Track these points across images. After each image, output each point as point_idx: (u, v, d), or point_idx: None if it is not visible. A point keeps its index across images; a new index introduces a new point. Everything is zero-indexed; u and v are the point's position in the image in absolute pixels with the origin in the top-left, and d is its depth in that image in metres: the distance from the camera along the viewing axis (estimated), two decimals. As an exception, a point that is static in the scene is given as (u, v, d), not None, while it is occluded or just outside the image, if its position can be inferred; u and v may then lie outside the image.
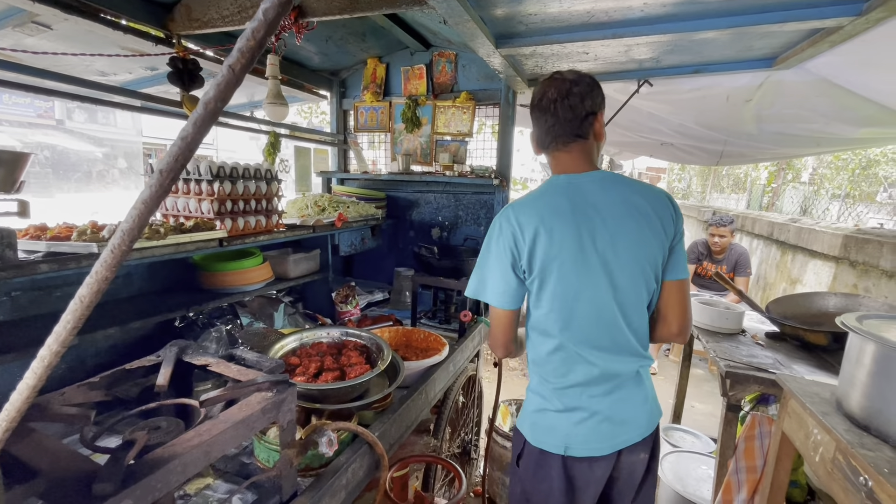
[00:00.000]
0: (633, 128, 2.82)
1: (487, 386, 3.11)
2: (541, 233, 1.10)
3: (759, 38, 1.61)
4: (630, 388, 1.20)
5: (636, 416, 1.20)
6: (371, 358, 1.50)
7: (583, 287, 1.12)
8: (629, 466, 1.22)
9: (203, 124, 0.26)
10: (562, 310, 1.14)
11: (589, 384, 1.18)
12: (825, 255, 2.84)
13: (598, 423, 1.17)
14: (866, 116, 2.04)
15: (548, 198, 1.14)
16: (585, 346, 1.15)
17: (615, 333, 1.15)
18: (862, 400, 1.25)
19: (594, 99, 1.12)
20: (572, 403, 1.18)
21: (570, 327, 1.15)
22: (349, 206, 2.36)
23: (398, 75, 2.74)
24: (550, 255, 1.11)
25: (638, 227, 1.11)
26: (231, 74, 0.25)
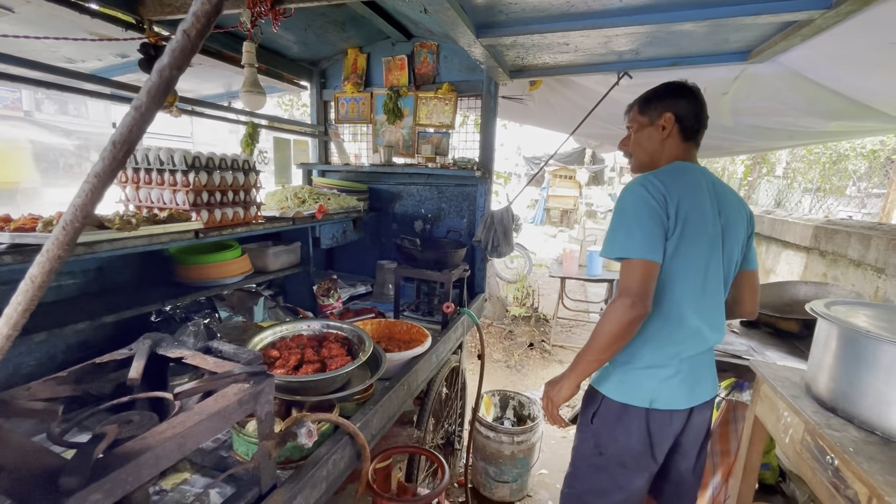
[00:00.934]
0: (613, 121, 2.85)
1: (471, 378, 3.13)
2: (685, 200, 1.22)
3: (734, 31, 1.64)
4: (709, 352, 1.38)
5: (708, 377, 1.37)
6: (353, 350, 1.49)
7: (710, 258, 1.26)
8: (698, 424, 1.36)
9: (157, 93, 0.24)
10: (685, 274, 1.24)
11: (685, 346, 1.29)
12: (797, 245, 2.93)
13: (682, 381, 1.29)
14: (836, 110, 2.10)
15: (685, 175, 1.27)
16: (696, 311, 1.27)
17: (718, 305, 1.32)
18: (829, 383, 1.29)
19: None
20: (663, 362, 1.29)
21: (690, 292, 1.26)
22: (330, 198, 2.33)
23: (379, 66, 2.71)
24: (691, 221, 1.22)
25: (739, 218, 1.33)
26: (186, 40, 0.24)
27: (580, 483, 1.39)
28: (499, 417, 2.79)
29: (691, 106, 1.32)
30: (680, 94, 1.32)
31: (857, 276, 2.28)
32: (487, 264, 2.76)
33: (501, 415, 2.80)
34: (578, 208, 14.24)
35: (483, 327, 5.04)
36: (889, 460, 1.05)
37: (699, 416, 1.36)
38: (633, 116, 1.39)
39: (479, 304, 2.50)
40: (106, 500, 0.60)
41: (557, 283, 4.85)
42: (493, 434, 2.38)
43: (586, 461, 1.37)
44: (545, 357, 4.59)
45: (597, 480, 1.34)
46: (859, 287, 2.23)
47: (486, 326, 5.10)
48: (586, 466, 1.37)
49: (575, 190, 14.51)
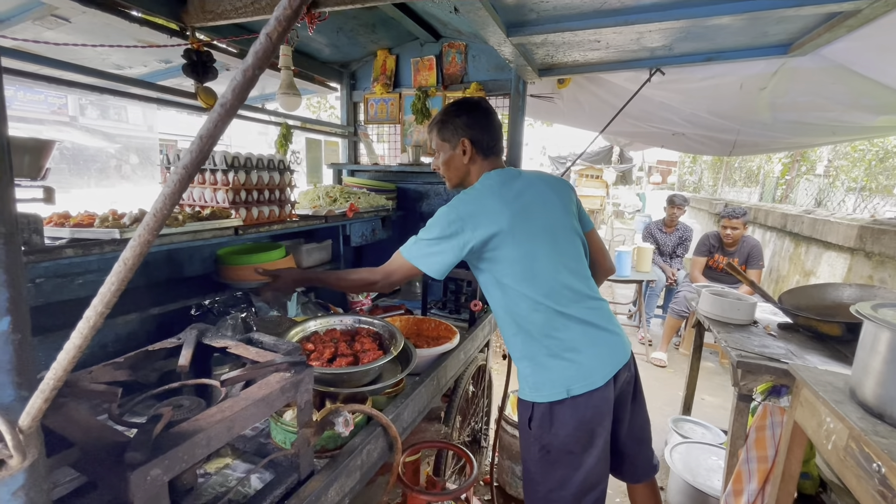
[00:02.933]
0: (643, 118, 2.80)
1: (497, 377, 3.13)
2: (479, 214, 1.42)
3: (774, 24, 1.58)
4: (596, 315, 1.40)
5: (608, 342, 1.41)
6: (384, 344, 1.52)
7: (534, 243, 1.37)
8: (622, 387, 1.41)
9: (241, 91, 0.27)
10: (514, 269, 1.37)
11: (558, 328, 1.36)
12: (840, 246, 2.80)
13: (585, 360, 1.34)
14: (884, 104, 2.00)
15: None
16: (540, 294, 1.36)
17: (569, 274, 1.39)
18: (876, 388, 1.24)
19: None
20: (552, 352, 1.35)
21: (525, 281, 1.35)
22: (360, 197, 2.38)
23: (408, 67, 2.75)
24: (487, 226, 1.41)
25: (550, 192, 1.44)
26: (269, 42, 0.26)
27: (541, 485, 1.41)
28: (525, 417, 2.78)
29: (481, 125, 1.43)
30: (469, 115, 1.43)
31: (907, 279, 2.17)
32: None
33: (527, 414, 2.79)
34: (605, 208, 13.99)
35: (508, 327, 5.02)
36: (942, 469, 1.00)
37: (623, 379, 1.41)
38: (436, 141, 1.50)
39: (505, 303, 2.50)
40: (164, 476, 0.64)
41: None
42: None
43: (538, 464, 1.40)
44: (571, 358, 4.54)
45: (554, 476, 1.38)
46: (909, 290, 2.12)
47: (511, 326, 5.07)
48: (540, 469, 1.40)
49: (602, 189, 14.26)
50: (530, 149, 16.30)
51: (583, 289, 1.39)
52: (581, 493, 1.35)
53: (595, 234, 1.59)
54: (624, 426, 1.48)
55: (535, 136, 13.87)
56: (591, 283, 1.46)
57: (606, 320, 1.42)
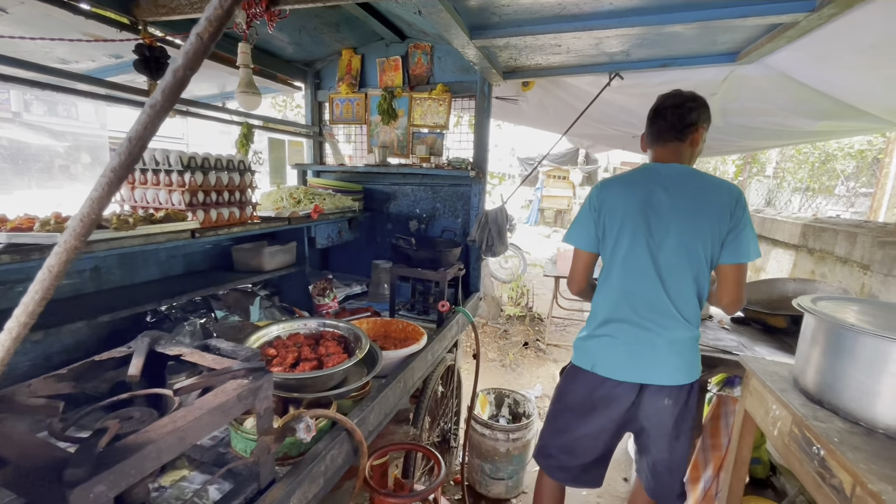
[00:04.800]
0: (605, 121, 2.89)
1: (466, 377, 3.15)
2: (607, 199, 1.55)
3: (722, 33, 1.67)
4: (656, 335, 1.49)
5: (656, 359, 1.49)
6: (349, 348, 1.50)
7: (628, 250, 1.50)
8: (655, 409, 1.52)
9: (171, 92, 0.26)
10: (619, 260, 1.53)
11: (622, 324, 1.53)
12: (786, 243, 2.98)
13: (622, 354, 1.52)
14: (823, 110, 2.15)
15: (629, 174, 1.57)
16: (626, 298, 1.53)
17: (651, 294, 1.48)
18: (815, 376, 1.33)
19: (700, 114, 1.48)
20: (601, 332, 1.56)
21: (624, 276, 1.52)
22: (325, 198, 2.34)
23: (374, 67, 2.72)
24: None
25: (693, 209, 1.43)
26: (199, 42, 0.25)
27: (547, 424, 1.71)
28: (494, 415, 2.81)
29: (650, 118, 1.56)
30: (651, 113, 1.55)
31: (844, 273, 2.32)
32: (482, 264, 2.78)
33: (497, 413, 2.82)
34: (572, 208, 14.31)
35: (478, 327, 5.06)
36: (872, 450, 1.08)
37: (653, 400, 1.51)
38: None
39: (473, 303, 2.52)
40: (109, 492, 0.61)
41: (552, 283, 4.88)
42: (488, 431, 2.40)
43: (552, 406, 1.70)
44: (539, 356, 4.62)
45: (555, 422, 1.67)
46: (846, 283, 2.28)
47: (482, 326, 5.13)
48: (551, 411, 1.70)
49: (569, 190, 14.59)
50: (500, 150, 16.45)
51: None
52: (557, 445, 1.66)
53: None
54: (659, 451, 1.57)
55: (504, 138, 14.03)
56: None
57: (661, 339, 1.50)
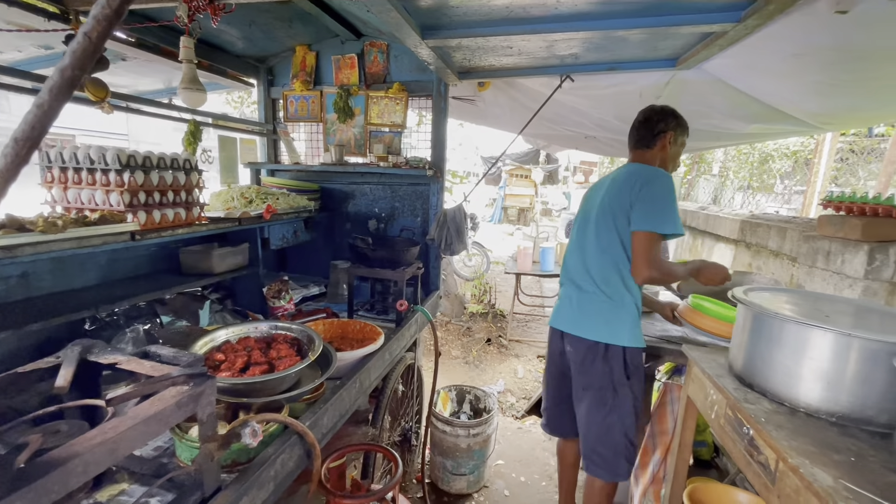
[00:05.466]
0: (558, 121, 2.97)
1: (428, 375, 3.17)
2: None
3: (662, 40, 1.76)
4: (578, 291, 1.80)
5: (573, 313, 1.80)
6: (302, 350, 1.48)
7: (575, 233, 1.89)
8: (571, 353, 1.81)
9: (59, 92, 0.25)
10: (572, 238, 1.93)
11: (563, 286, 1.94)
12: (727, 238, 3.17)
13: (557, 309, 1.93)
14: (754, 113, 2.31)
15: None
16: (564, 267, 1.94)
17: (577, 261, 1.84)
18: (746, 361, 1.42)
19: (666, 124, 1.74)
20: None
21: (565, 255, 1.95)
22: (279, 197, 2.29)
23: (329, 64, 2.68)
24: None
25: (614, 194, 1.70)
26: (87, 42, 0.25)
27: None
28: (455, 412, 2.84)
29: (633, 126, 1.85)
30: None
31: (776, 265, 2.50)
32: (445, 263, 2.81)
33: (458, 409, 2.86)
34: (534, 207, 14.62)
35: (441, 325, 5.09)
36: (793, 427, 1.17)
37: (570, 349, 1.81)
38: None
39: (433, 301, 2.54)
40: (29, 510, 0.58)
41: (514, 280, 4.98)
42: (449, 428, 2.42)
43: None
44: (502, 352, 4.70)
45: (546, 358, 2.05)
46: (778, 275, 2.45)
47: (445, 324, 5.15)
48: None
49: (531, 189, 14.88)
50: (464, 148, 16.56)
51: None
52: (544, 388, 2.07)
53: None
54: (574, 387, 1.85)
55: (468, 137, 14.15)
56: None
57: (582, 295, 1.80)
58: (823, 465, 1.00)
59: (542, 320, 5.55)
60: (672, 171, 1.82)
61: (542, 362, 4.46)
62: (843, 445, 1.09)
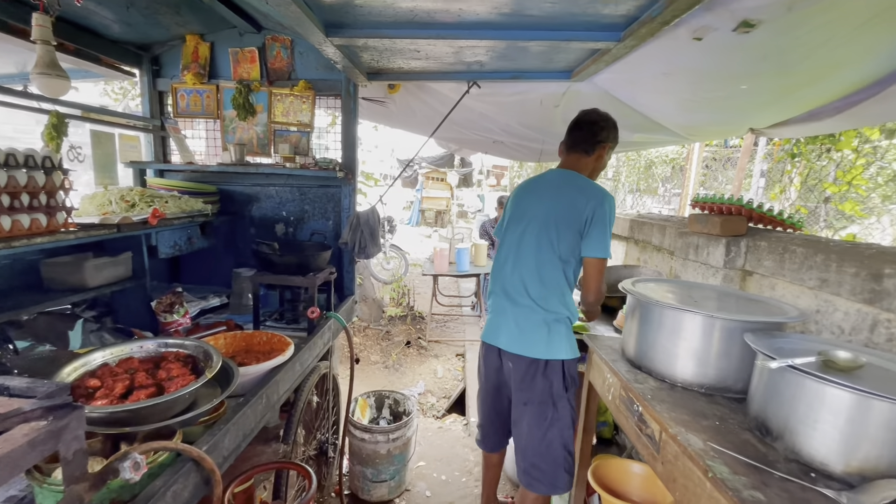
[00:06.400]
0: (468, 126, 3.07)
1: (346, 383, 3.07)
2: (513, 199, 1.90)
3: (557, 53, 1.90)
4: (516, 307, 1.73)
5: (512, 330, 1.73)
6: (198, 368, 1.35)
7: (505, 236, 1.79)
8: (509, 371, 1.75)
9: None
10: (501, 248, 1.82)
11: (493, 298, 1.84)
12: (620, 236, 3.51)
13: (489, 323, 1.84)
14: (637, 124, 2.59)
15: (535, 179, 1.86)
16: (496, 278, 1.83)
17: (510, 274, 1.75)
18: (635, 345, 1.58)
19: (609, 133, 1.72)
20: (490, 308, 1.87)
21: (499, 261, 1.83)
22: (168, 200, 2.06)
23: (226, 57, 2.49)
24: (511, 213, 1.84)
25: (553, 207, 1.65)
26: None
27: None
28: (375, 418, 2.79)
29: (570, 127, 1.82)
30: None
31: (659, 259, 2.83)
32: (363, 266, 2.74)
33: (378, 415, 2.81)
34: (451, 209, 14.92)
35: (359, 330, 4.97)
36: (673, 401, 1.33)
37: (511, 365, 1.75)
38: None
39: (348, 307, 2.47)
40: None
41: (431, 281, 5.03)
42: (368, 436, 2.37)
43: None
44: (422, 353, 4.73)
45: (478, 375, 1.96)
46: (660, 267, 2.77)
47: (363, 329, 5.05)
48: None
49: (447, 192, 15.17)
50: (381, 151, 16.37)
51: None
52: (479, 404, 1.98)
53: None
54: (515, 408, 1.78)
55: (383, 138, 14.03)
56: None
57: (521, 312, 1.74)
58: (695, 431, 1.14)
59: (460, 320, 5.68)
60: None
61: (461, 361, 4.56)
62: (710, 412, 1.25)
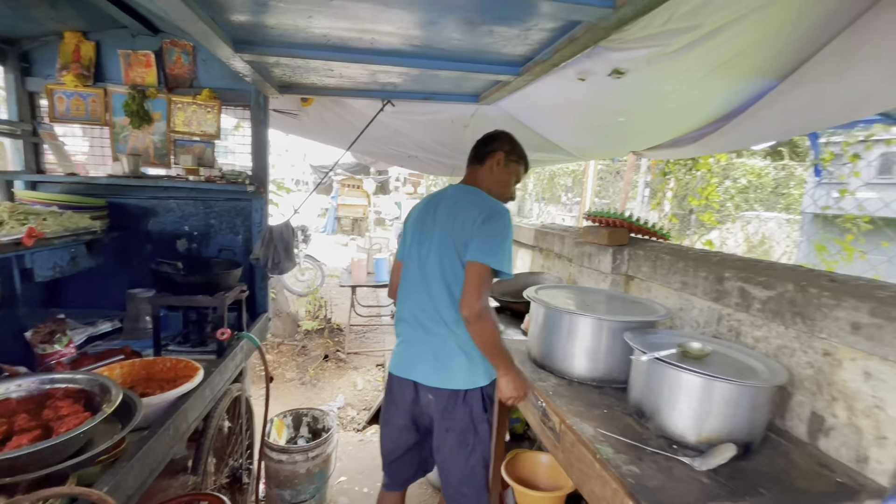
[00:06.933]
0: (384, 141, 3.14)
1: (259, 404, 2.94)
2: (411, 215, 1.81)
3: (464, 82, 2.06)
4: (431, 336, 1.63)
5: (430, 362, 1.62)
6: (94, 403, 1.24)
7: (410, 258, 1.70)
8: (427, 405, 1.66)
9: None
10: (404, 268, 1.74)
11: (401, 326, 1.72)
12: (527, 244, 3.81)
13: (400, 353, 1.72)
14: (537, 144, 2.87)
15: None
16: (405, 299, 1.71)
17: (419, 297, 1.65)
18: (539, 347, 1.76)
19: (500, 144, 1.73)
20: (398, 335, 1.75)
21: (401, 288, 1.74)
22: (47, 217, 1.84)
23: (115, 58, 2.28)
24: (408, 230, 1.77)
25: (450, 224, 1.59)
26: None
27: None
28: (293, 438, 2.71)
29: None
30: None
31: (560, 266, 3.13)
32: (276, 280, 2.65)
33: (296, 434, 2.73)
34: (368, 217, 14.77)
35: (273, 347, 4.74)
36: (571, 395, 1.51)
37: (430, 398, 1.64)
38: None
39: (262, 325, 2.38)
40: None
41: (349, 292, 4.97)
42: (285, 456, 2.31)
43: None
44: (341, 366, 4.65)
45: (383, 413, 1.81)
46: (561, 273, 3.07)
47: (277, 346, 4.82)
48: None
49: (363, 199, 14.99)
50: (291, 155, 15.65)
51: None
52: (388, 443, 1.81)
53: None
54: (436, 440, 1.70)
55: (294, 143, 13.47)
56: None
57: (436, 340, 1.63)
58: (588, 420, 1.33)
59: (380, 330, 5.67)
60: (505, 201, 1.75)
61: (381, 371, 4.56)
62: (601, 402, 1.46)
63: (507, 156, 1.73)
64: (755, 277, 1.48)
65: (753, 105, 1.82)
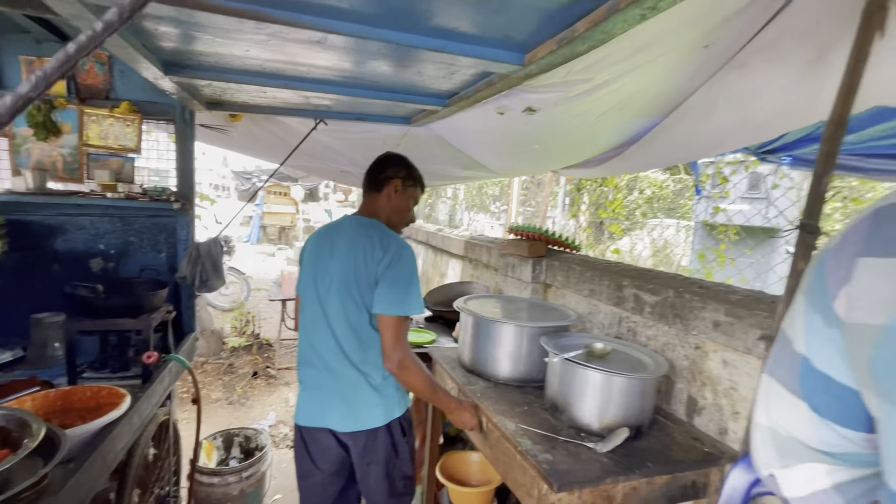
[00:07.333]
0: (317, 156, 3.17)
1: (187, 427, 2.81)
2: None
3: (395, 107, 2.19)
4: (339, 380, 1.58)
5: (341, 408, 1.59)
6: (10, 439, 1.18)
7: (308, 296, 1.63)
8: (353, 449, 1.62)
9: None
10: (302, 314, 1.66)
11: (305, 370, 1.66)
12: (457, 255, 4.00)
13: (307, 400, 1.65)
14: (465, 163, 3.07)
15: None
16: (307, 343, 1.64)
17: (322, 338, 1.59)
18: (469, 353, 1.91)
19: (395, 170, 1.70)
20: (301, 380, 1.69)
21: (303, 326, 1.66)
22: (-65, 240, 1.67)
23: (16, 64, 2.11)
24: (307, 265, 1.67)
25: (348, 261, 1.55)
26: None
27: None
28: (224, 460, 2.63)
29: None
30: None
31: (488, 275, 3.35)
32: (198, 299, 2.57)
33: (227, 456, 2.66)
34: (297, 225, 14.27)
35: (197, 366, 4.49)
36: (496, 395, 1.67)
37: (350, 442, 1.61)
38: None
39: (189, 346, 2.31)
40: None
41: (279, 306, 4.84)
42: (217, 479, 2.25)
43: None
44: (271, 383, 4.51)
45: (298, 468, 1.76)
46: (489, 283, 3.29)
47: (201, 365, 4.57)
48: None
49: (291, 206, 14.47)
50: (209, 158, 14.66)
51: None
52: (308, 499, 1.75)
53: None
54: (363, 483, 1.68)
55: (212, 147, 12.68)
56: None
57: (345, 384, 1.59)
58: (511, 417, 1.49)
59: (312, 342, 5.55)
60: (406, 225, 1.79)
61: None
62: (522, 400, 1.63)
63: (404, 181, 1.70)
64: (646, 285, 1.75)
65: (643, 138, 2.15)
